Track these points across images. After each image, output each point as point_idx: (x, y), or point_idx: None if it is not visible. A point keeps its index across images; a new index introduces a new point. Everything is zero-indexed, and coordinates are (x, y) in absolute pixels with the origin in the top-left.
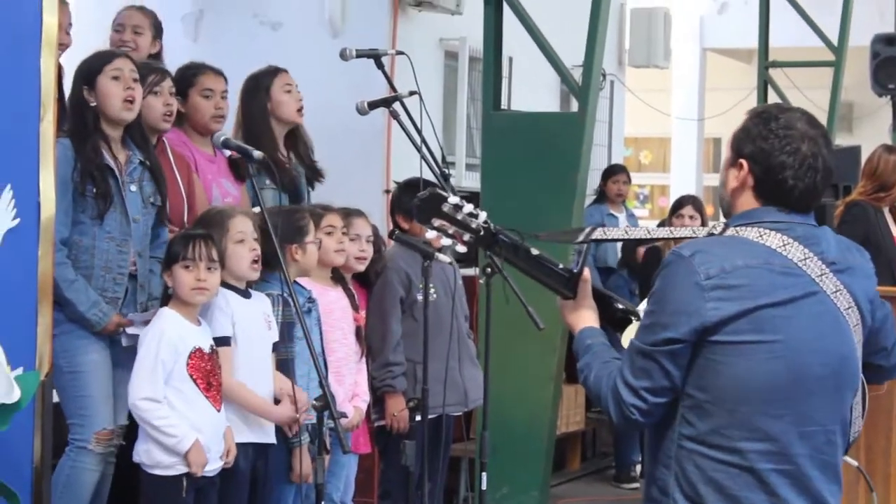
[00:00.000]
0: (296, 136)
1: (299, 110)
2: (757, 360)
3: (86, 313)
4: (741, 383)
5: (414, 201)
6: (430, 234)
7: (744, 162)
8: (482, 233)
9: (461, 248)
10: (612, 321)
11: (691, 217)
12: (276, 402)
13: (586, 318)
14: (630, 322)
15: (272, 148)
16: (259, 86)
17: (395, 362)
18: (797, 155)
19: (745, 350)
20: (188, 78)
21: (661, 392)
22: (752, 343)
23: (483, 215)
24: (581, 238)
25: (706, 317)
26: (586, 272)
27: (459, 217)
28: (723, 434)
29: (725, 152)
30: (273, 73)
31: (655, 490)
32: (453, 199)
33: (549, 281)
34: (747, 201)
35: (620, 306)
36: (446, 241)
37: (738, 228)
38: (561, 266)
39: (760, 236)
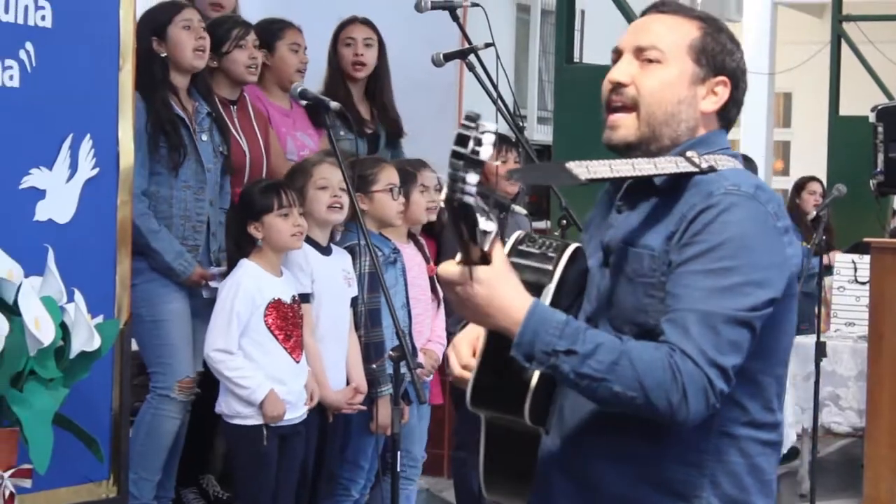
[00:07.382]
0: (377, 91)
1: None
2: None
3: (172, 263)
4: (790, 339)
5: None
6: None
7: (727, 80)
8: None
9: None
10: None
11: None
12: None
13: (519, 289)
14: None
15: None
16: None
17: None
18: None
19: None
20: (275, 31)
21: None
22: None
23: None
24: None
25: (791, 266)
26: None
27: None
28: (770, 408)
29: (687, 66)
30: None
31: (660, 497)
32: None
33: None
34: (711, 123)
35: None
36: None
37: (715, 157)
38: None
39: (735, 166)
